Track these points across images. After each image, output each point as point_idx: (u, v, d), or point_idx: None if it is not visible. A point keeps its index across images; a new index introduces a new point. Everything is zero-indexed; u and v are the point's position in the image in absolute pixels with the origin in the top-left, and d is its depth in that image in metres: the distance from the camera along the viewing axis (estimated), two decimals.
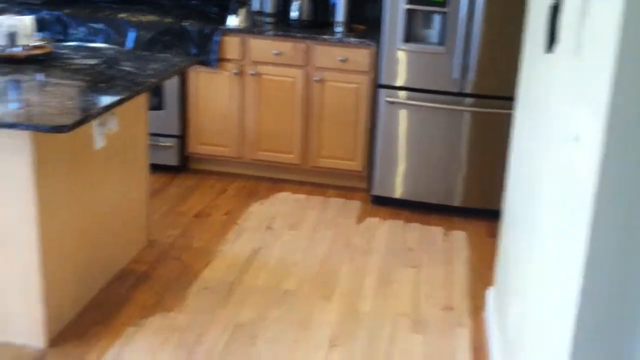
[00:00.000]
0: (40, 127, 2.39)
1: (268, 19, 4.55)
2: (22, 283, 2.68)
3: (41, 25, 4.24)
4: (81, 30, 4.39)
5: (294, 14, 4.46)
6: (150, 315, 2.99)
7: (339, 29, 4.38)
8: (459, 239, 3.86)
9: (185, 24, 4.35)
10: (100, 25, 4.38)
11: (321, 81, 4.24)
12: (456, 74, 3.93)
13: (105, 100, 2.68)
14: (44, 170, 2.61)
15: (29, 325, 2.73)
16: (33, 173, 2.56)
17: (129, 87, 2.88)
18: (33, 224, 2.61)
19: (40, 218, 2.62)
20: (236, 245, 3.64)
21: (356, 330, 2.97)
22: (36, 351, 2.72)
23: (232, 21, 4.35)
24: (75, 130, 2.58)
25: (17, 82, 2.90)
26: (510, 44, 3.77)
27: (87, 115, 2.52)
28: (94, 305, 3.04)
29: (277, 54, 4.26)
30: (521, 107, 2.76)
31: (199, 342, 2.83)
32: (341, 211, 4.12)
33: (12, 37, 3.19)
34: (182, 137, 4.50)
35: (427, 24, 4.03)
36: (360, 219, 4.04)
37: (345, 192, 4.40)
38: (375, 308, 3.13)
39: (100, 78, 3.01)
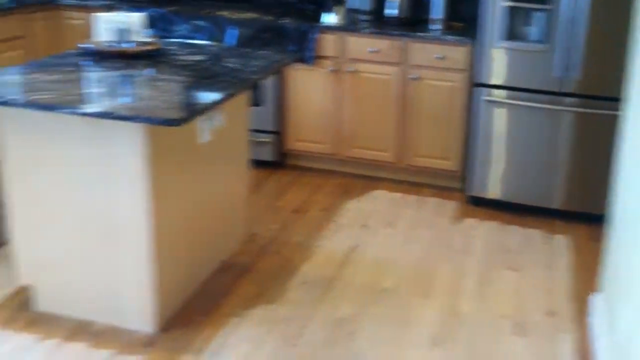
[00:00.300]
0: (154, 120, 2.48)
1: (364, 17, 4.57)
2: (135, 271, 2.79)
3: (147, 22, 4.38)
4: (184, 28, 4.52)
5: (390, 11, 4.47)
6: (253, 306, 3.06)
7: (436, 26, 4.36)
8: (560, 242, 3.78)
9: (283, 21, 4.42)
10: (202, 23, 4.50)
11: (417, 79, 4.23)
12: (558, 72, 3.85)
13: (214, 95, 2.75)
14: (155, 162, 2.70)
15: (140, 312, 2.85)
16: (146, 165, 2.66)
17: (234, 83, 2.95)
18: (147, 214, 2.71)
19: (153, 209, 2.72)
20: (333, 242, 3.68)
21: (457, 330, 2.95)
22: (146, 336, 2.83)
23: (329, 19, 4.39)
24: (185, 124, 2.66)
25: (129, 76, 3.01)
26: (617, 41, 3.66)
27: (199, 110, 2.60)
28: (199, 295, 3.14)
29: (373, 52, 4.27)
30: (633, 108, 2.68)
31: (300, 334, 2.87)
32: (437, 211, 4.10)
33: (123, 33, 3.32)
34: (279, 133, 4.58)
35: (528, 21, 3.95)
36: (457, 219, 4.02)
37: (441, 191, 4.37)
38: (476, 309, 3.11)
39: (206, 74, 3.10)
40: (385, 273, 3.38)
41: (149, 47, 3.33)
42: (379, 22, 4.46)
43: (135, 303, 2.84)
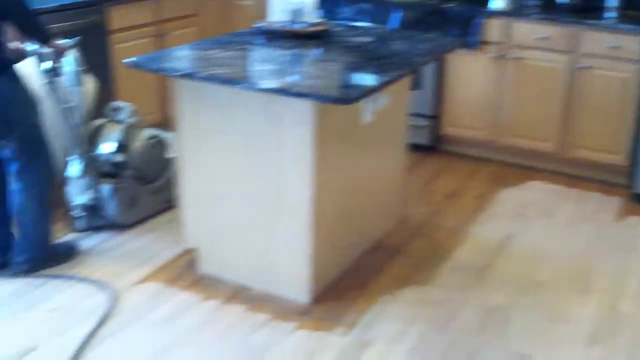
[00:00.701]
0: (326, 98, 2.54)
1: (533, 2, 4.42)
2: (294, 241, 2.88)
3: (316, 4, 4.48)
4: (348, 10, 4.58)
5: None
6: (404, 287, 3.08)
7: (611, 14, 4.14)
8: None
9: (448, 5, 4.37)
10: (366, 6, 4.53)
11: (587, 68, 4.04)
12: None
13: (381, 77, 2.77)
14: (321, 138, 2.76)
15: (296, 281, 2.94)
16: (312, 140, 2.72)
17: (401, 65, 2.96)
18: (309, 188, 2.78)
19: (315, 182, 2.79)
20: (487, 229, 3.61)
21: (618, 329, 2.82)
22: (301, 305, 2.92)
23: (496, 4, 4.28)
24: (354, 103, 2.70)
25: (300, 56, 3.10)
26: None
27: (367, 90, 2.63)
28: (351, 271, 3.19)
29: (540, 39, 4.12)
30: None
31: (452, 319, 2.86)
32: (599, 206, 3.92)
33: (297, 14, 3.41)
34: (435, 118, 4.54)
35: None
36: (621, 216, 3.82)
37: (604, 186, 4.17)
38: (639, 310, 2.95)
39: (373, 55, 3.13)
40: (541, 265, 3.28)
41: (319, 28, 3.40)
42: (548, 8, 4.30)
43: (291, 272, 2.94)
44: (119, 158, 3.45)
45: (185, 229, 3.14)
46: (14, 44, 2.96)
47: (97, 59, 4.07)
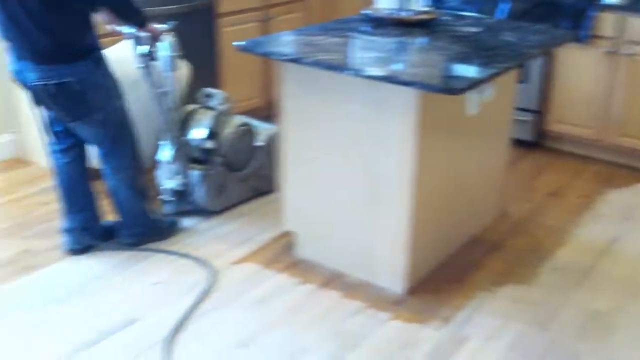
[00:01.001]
0: (433, 87, 2.50)
1: None
2: (392, 230, 2.87)
3: None
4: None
5: None
6: (502, 284, 3.01)
7: None
8: None
9: None
10: None
11: None
12: None
13: (488, 68, 2.70)
14: (423, 127, 2.72)
15: (392, 271, 2.92)
16: (415, 130, 2.69)
17: (510, 57, 2.87)
18: (409, 177, 2.75)
19: (416, 172, 2.75)
20: (591, 231, 3.48)
21: None
22: (395, 295, 2.90)
23: None
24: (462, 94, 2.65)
25: (406, 44, 3.06)
26: None
27: (476, 81, 2.57)
28: (447, 264, 3.15)
29: None
30: None
31: (551, 320, 2.77)
32: None
33: (403, 1, 3.37)
34: (540, 113, 4.41)
35: None
36: None
37: None
38: None
39: (482, 45, 3.05)
40: None
41: (426, 17, 3.35)
42: None
43: (388, 262, 2.93)
44: (209, 145, 3.44)
45: (285, 213, 3.18)
46: (110, 27, 3.03)
47: (203, 42, 4.17)
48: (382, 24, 3.30)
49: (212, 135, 3.45)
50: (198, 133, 3.44)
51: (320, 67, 2.70)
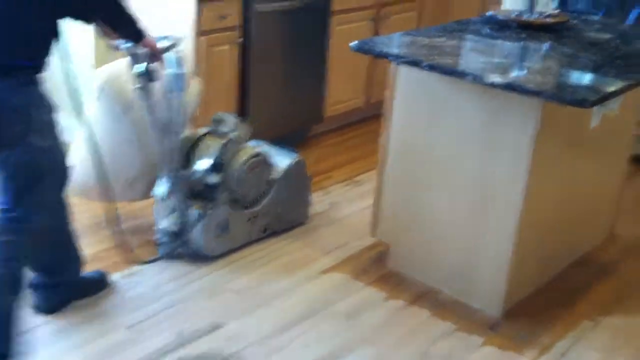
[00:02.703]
0: (557, 98, 2.33)
1: None
2: (496, 247, 2.68)
3: None
4: (583, 2, 4.22)
5: None
6: (609, 313, 2.78)
7: None
8: None
9: None
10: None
11: None
12: None
13: (623, 79, 2.47)
14: (541, 141, 2.53)
15: (490, 291, 2.74)
16: (533, 142, 2.50)
17: None
18: (521, 191, 2.57)
19: (527, 188, 2.56)
20: None
21: None
22: (490, 318, 2.72)
23: None
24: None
25: (531, 49, 2.86)
26: None
27: (609, 94, 2.36)
28: (550, 287, 2.93)
29: None
30: None
31: None
32: None
33: (531, 3, 3.16)
34: None
35: None
36: None
37: None
38: None
39: (615, 54, 2.82)
40: None
41: (554, 20, 3.14)
42: None
43: (487, 280, 2.75)
44: (213, 179, 2.92)
45: (379, 221, 3.05)
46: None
47: (314, 40, 4.08)
48: (505, 26, 3.12)
49: (217, 167, 2.94)
50: (202, 164, 2.95)
51: (438, 71, 2.56)
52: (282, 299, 2.80)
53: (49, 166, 2.32)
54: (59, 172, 2.39)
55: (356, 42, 2.80)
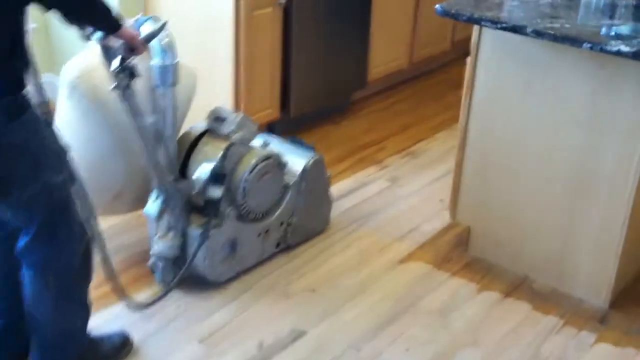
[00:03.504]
0: None
1: None
2: (599, 232, 2.41)
3: None
4: None
5: None
6: None
7: None
8: None
9: None
10: None
11: None
12: None
13: None
14: None
15: (594, 279, 2.48)
16: None
17: None
18: (633, 174, 2.28)
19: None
20: None
21: None
22: (597, 309, 2.47)
23: None
24: None
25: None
26: None
27: None
28: None
29: None
30: None
31: None
32: None
33: None
34: None
35: None
36: None
37: None
38: None
39: None
40: None
41: None
42: None
43: (589, 268, 2.48)
44: (214, 193, 2.40)
45: (459, 203, 2.75)
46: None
47: (357, 10, 3.71)
48: None
49: (219, 178, 2.41)
50: (201, 173, 2.41)
51: (547, 38, 2.22)
52: (364, 297, 2.52)
53: (68, 201, 1.92)
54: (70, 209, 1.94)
55: (439, 5, 2.46)
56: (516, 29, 2.28)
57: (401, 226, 2.93)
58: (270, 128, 3.59)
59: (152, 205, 2.44)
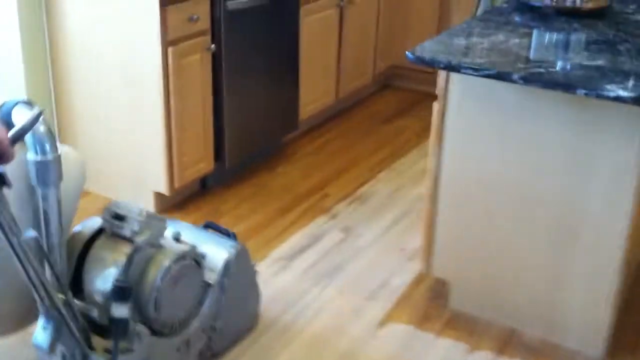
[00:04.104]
0: None
1: None
2: (591, 279, 2.28)
3: None
4: None
5: None
6: None
7: None
8: None
9: None
10: None
11: None
12: None
13: None
14: None
15: (588, 329, 2.35)
16: (636, 157, 2.11)
17: None
18: (624, 220, 2.17)
19: (632, 216, 2.18)
20: None
21: None
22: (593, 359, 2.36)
23: None
24: None
25: (609, 42, 2.42)
26: None
27: None
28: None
29: None
30: None
31: None
32: None
33: None
34: None
35: None
36: None
37: None
38: None
39: None
40: None
41: (595, 5, 2.75)
42: None
43: (582, 317, 2.35)
44: (119, 312, 1.93)
45: (435, 256, 2.57)
46: None
47: (287, 37, 3.47)
48: (545, 13, 2.70)
49: (125, 291, 1.93)
50: (101, 288, 1.97)
51: (537, 85, 2.07)
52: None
53: None
54: None
55: (409, 52, 2.28)
56: (501, 76, 2.12)
57: (368, 284, 2.72)
58: (203, 182, 3.30)
59: (42, 334, 1.87)
